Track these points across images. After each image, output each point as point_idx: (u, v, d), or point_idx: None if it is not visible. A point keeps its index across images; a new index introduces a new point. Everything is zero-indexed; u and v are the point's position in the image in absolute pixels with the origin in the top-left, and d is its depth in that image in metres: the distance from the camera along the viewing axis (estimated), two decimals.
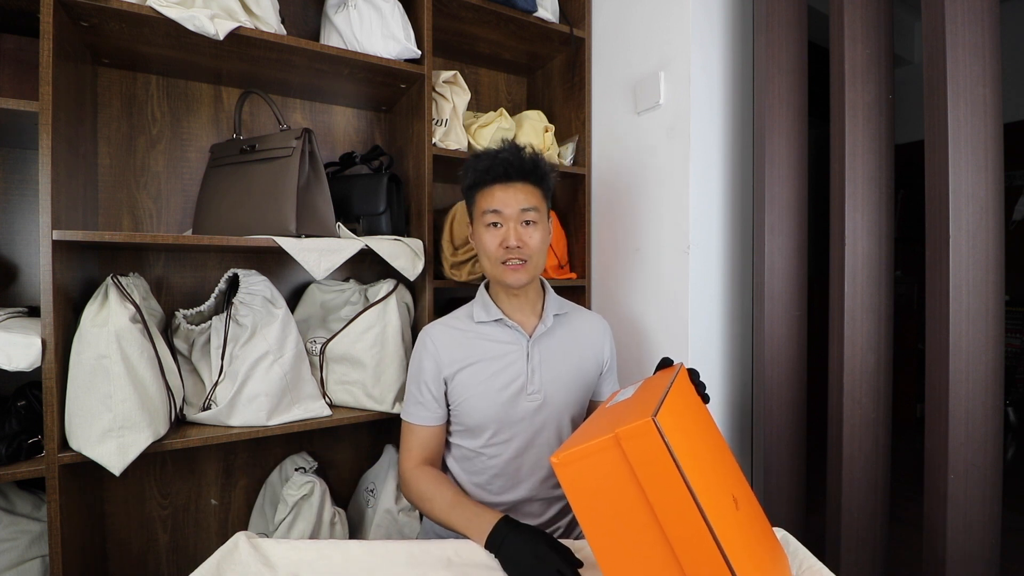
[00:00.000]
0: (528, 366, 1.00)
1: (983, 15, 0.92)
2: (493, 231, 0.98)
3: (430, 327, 1.05)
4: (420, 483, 0.96)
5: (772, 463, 1.20)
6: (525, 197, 0.97)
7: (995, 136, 0.92)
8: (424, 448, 1.00)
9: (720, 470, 0.63)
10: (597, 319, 1.13)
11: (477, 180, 1.00)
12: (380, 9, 1.23)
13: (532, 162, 0.99)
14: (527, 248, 0.97)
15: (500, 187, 0.98)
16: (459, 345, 1.01)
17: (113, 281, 1.02)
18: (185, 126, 1.32)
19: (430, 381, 1.00)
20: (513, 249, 0.96)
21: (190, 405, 1.13)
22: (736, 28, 1.30)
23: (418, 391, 1.01)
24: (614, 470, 0.54)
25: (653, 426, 0.52)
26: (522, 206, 0.97)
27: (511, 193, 0.97)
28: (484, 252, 1.00)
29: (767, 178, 1.19)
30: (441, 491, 0.92)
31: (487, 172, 0.98)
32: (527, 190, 0.98)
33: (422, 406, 1.01)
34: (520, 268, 0.97)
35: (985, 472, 0.93)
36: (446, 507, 0.89)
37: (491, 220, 0.97)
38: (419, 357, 1.03)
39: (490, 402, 0.99)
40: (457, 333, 1.03)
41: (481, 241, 1.00)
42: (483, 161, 0.99)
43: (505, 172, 0.97)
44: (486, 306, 1.03)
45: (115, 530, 1.26)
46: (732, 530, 0.54)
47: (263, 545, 0.78)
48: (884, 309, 1.10)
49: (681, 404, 0.64)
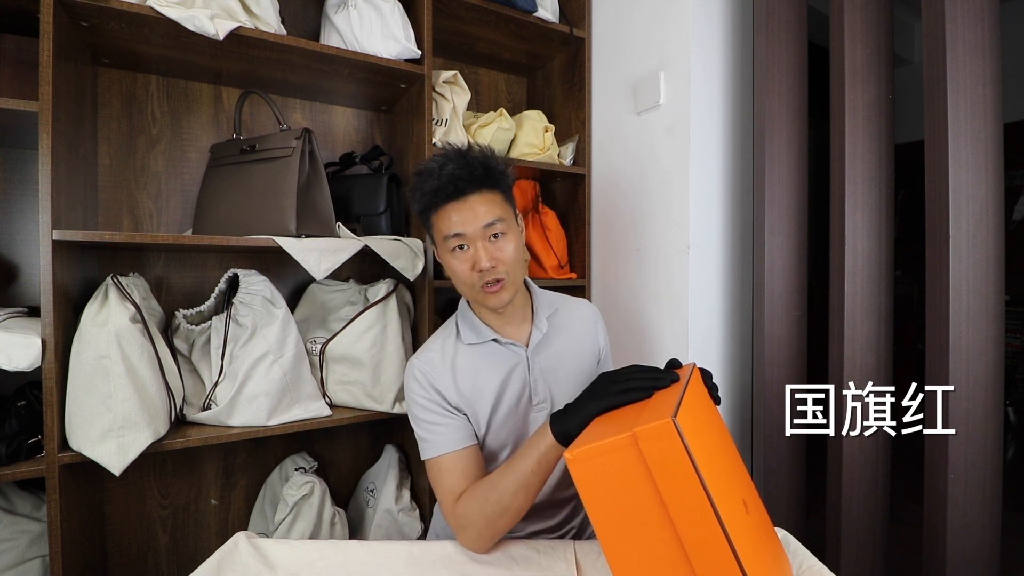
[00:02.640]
0: (530, 377, 0.95)
1: (983, 15, 0.91)
2: (460, 255, 0.87)
3: (417, 361, 0.92)
4: (469, 500, 0.80)
5: (772, 463, 1.20)
6: (486, 209, 0.85)
7: (995, 136, 0.92)
8: (466, 477, 0.84)
9: (732, 473, 0.63)
10: (587, 307, 1.08)
11: (427, 204, 0.88)
12: (380, 9, 1.23)
13: (482, 166, 0.87)
14: (502, 264, 0.86)
15: (454, 206, 0.85)
16: (459, 374, 0.91)
17: (113, 281, 1.02)
18: (185, 126, 1.32)
19: (440, 403, 0.89)
20: (488, 271, 0.86)
21: (190, 405, 1.13)
22: (736, 28, 1.30)
23: (429, 416, 0.88)
24: (630, 469, 0.54)
25: (673, 427, 0.52)
26: (483, 222, 0.85)
27: (468, 210, 0.85)
28: (457, 279, 0.90)
29: (767, 178, 1.19)
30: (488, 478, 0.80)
31: (436, 193, 0.86)
32: (485, 200, 0.86)
33: (442, 426, 0.87)
34: (500, 287, 0.87)
35: (985, 472, 0.93)
36: (503, 472, 0.77)
37: (454, 244, 0.86)
38: (413, 391, 0.91)
39: (505, 422, 0.93)
40: (450, 362, 0.92)
41: (450, 268, 0.90)
42: (428, 181, 0.87)
43: (456, 188, 0.85)
44: (475, 327, 0.94)
45: (115, 530, 1.26)
46: (743, 534, 0.54)
47: (263, 545, 0.78)
48: (884, 309, 1.10)
49: (696, 405, 0.63)
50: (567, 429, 0.70)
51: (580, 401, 0.72)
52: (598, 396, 0.69)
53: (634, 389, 0.67)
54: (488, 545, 0.80)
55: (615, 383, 0.68)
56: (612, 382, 0.69)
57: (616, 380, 0.69)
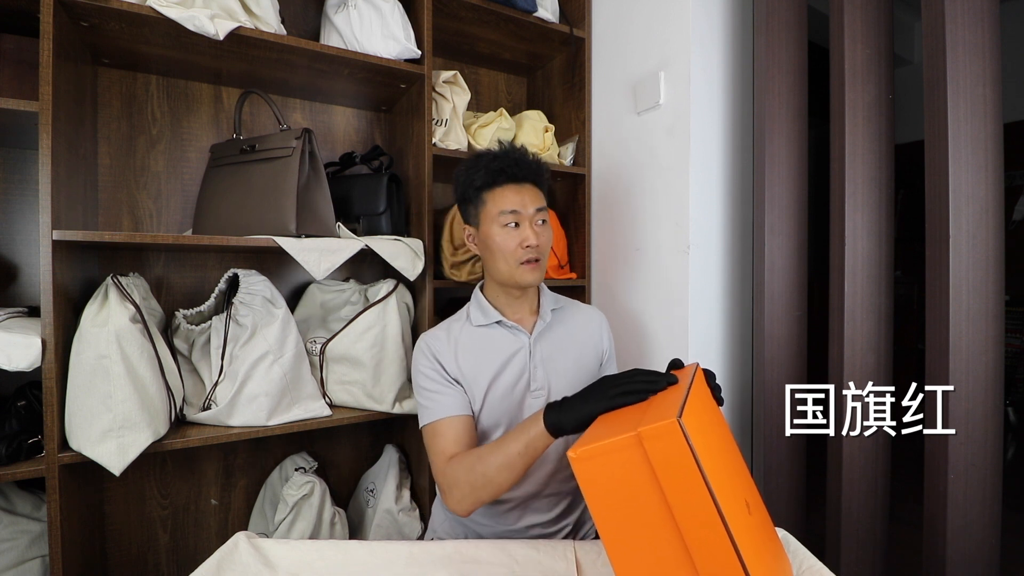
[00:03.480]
0: (531, 363, 1.00)
1: (983, 15, 0.91)
2: (511, 231, 0.97)
3: (426, 336, 1.01)
4: (458, 464, 0.84)
5: (772, 463, 1.20)
6: (538, 197, 0.99)
7: (995, 136, 0.92)
8: (458, 443, 0.90)
9: (734, 474, 0.63)
10: (593, 311, 1.13)
11: (488, 180, 0.98)
12: (380, 9, 1.23)
13: (537, 164, 1.01)
14: (542, 247, 0.98)
15: (513, 187, 0.97)
16: (461, 350, 0.99)
17: (113, 281, 1.02)
18: (185, 126, 1.32)
19: (441, 372, 0.96)
20: (533, 248, 0.96)
21: (190, 405, 1.13)
22: (736, 28, 1.30)
23: (431, 385, 0.96)
24: (634, 468, 0.54)
25: (678, 427, 0.51)
26: (537, 206, 0.98)
27: (526, 193, 0.98)
28: (501, 253, 0.97)
29: (767, 178, 1.19)
30: (481, 448, 0.83)
31: (501, 172, 0.97)
32: (535, 191, 1.00)
33: (441, 394, 0.94)
34: (536, 266, 0.98)
35: (985, 472, 0.93)
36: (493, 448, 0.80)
37: (510, 220, 0.97)
38: (419, 363, 0.99)
39: (500, 402, 0.98)
40: (455, 339, 1.00)
41: (495, 242, 0.97)
42: (496, 161, 0.98)
43: (518, 172, 0.98)
44: (483, 309, 1.02)
45: (115, 530, 1.26)
46: (746, 535, 0.54)
47: (263, 545, 0.78)
48: (884, 309, 1.10)
49: (699, 406, 0.63)
50: (559, 421, 0.73)
51: (578, 399, 0.73)
52: (595, 398, 0.71)
53: (631, 392, 0.68)
54: (469, 509, 0.84)
55: (614, 386, 0.70)
56: (612, 385, 0.71)
57: (616, 383, 0.70)
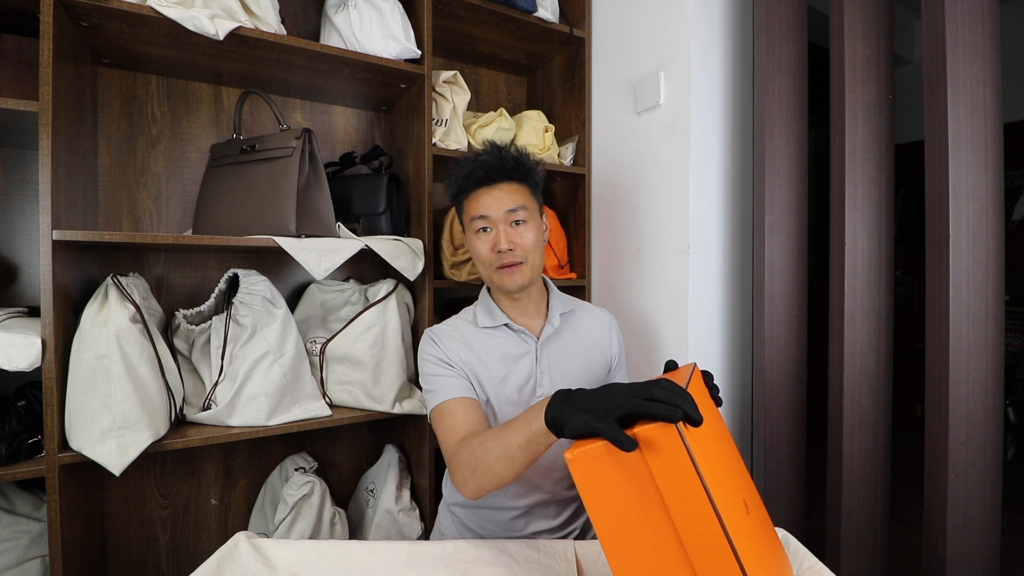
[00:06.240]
0: (537, 368, 0.98)
1: (983, 15, 0.91)
2: (483, 236, 0.96)
3: (434, 328, 1.01)
4: (463, 447, 0.80)
5: (772, 463, 1.20)
6: (511, 197, 0.95)
7: (995, 136, 0.92)
8: (469, 422, 0.86)
9: (732, 474, 0.63)
10: (603, 314, 1.10)
11: (461, 187, 0.98)
12: (380, 9, 1.23)
13: (514, 160, 0.96)
14: (520, 249, 0.94)
15: (484, 191, 0.95)
16: (466, 348, 0.97)
17: (113, 281, 1.02)
18: (185, 126, 1.32)
19: (445, 358, 0.94)
20: (505, 253, 0.94)
21: (190, 405, 1.13)
22: (736, 28, 1.30)
23: (437, 370, 0.93)
24: (631, 469, 0.53)
25: (675, 429, 0.51)
26: (508, 207, 0.94)
27: (495, 195, 0.95)
28: (478, 259, 0.98)
29: (767, 178, 1.19)
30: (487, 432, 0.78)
31: (468, 177, 0.96)
32: (512, 189, 0.96)
33: (448, 378, 0.92)
34: (516, 270, 0.94)
35: (985, 472, 0.93)
36: (496, 434, 0.74)
37: (479, 226, 0.96)
38: (426, 350, 0.96)
39: (504, 408, 0.96)
40: (462, 336, 0.99)
41: (473, 248, 0.98)
42: (464, 166, 0.97)
43: (487, 174, 0.95)
44: (490, 311, 1.00)
45: (115, 530, 1.26)
46: (744, 535, 0.54)
47: (263, 545, 0.78)
48: (884, 309, 1.10)
49: None
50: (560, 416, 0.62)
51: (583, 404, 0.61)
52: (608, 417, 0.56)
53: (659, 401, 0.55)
54: (473, 494, 0.78)
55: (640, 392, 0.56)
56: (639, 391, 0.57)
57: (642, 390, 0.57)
